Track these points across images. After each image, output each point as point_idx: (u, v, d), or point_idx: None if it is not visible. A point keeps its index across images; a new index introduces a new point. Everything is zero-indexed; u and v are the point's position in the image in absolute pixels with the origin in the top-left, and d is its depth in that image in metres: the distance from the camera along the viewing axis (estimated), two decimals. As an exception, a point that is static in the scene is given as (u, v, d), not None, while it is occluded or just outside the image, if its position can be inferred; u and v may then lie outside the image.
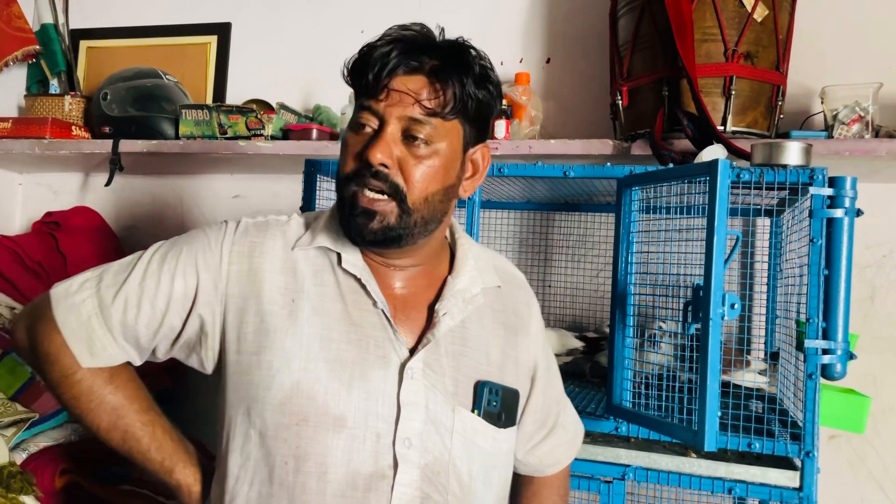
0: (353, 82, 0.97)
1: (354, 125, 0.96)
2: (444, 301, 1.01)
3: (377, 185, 0.93)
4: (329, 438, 0.93)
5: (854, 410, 1.42)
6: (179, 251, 1.00)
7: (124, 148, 2.01)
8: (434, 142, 0.94)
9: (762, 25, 1.58)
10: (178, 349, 1.02)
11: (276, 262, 0.99)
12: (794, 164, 1.31)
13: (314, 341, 0.95)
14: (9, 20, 2.26)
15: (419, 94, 0.93)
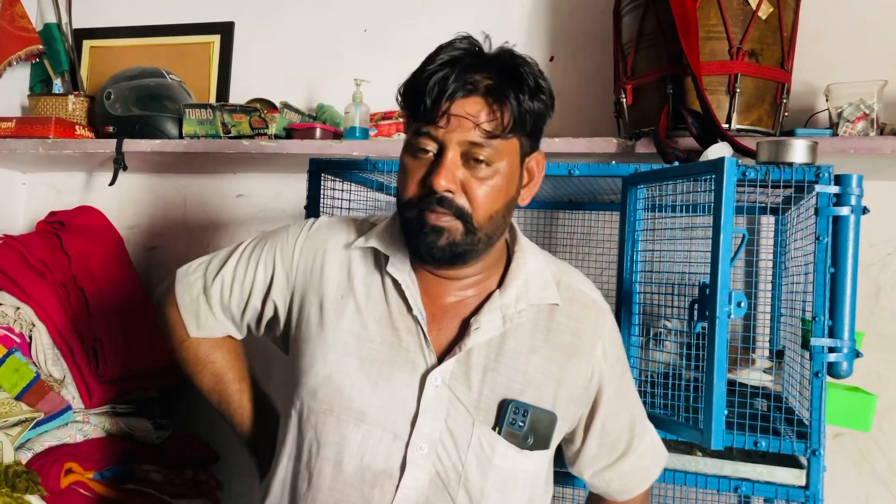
0: (408, 106, 0.98)
1: (412, 149, 0.97)
2: (480, 315, 1.01)
3: (442, 210, 0.95)
4: (348, 430, 0.99)
5: (860, 408, 1.42)
6: (265, 244, 1.12)
7: (128, 147, 2.01)
8: (494, 162, 0.95)
9: (767, 23, 1.58)
10: (263, 329, 1.16)
11: (336, 260, 1.07)
12: (799, 161, 1.31)
13: (351, 338, 1.02)
14: (12, 20, 2.26)
15: (478, 118, 0.93)
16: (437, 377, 0.98)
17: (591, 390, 1.08)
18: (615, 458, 1.12)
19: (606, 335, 1.09)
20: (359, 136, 1.88)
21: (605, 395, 1.08)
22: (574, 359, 1.05)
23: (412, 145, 0.97)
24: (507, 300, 1.03)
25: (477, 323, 1.00)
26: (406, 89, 0.98)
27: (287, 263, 1.09)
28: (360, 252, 1.07)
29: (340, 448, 0.99)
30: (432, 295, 1.04)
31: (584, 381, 1.06)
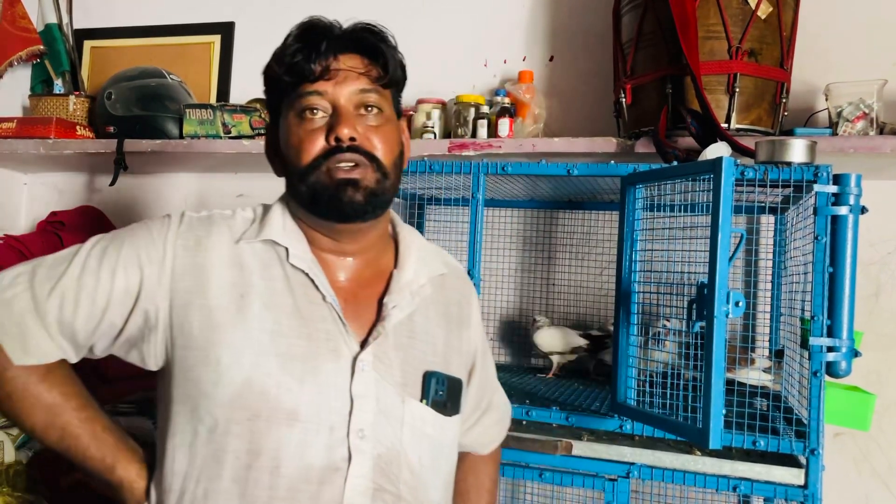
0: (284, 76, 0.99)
1: (301, 112, 0.98)
2: (392, 294, 1.03)
3: (348, 157, 0.97)
4: (282, 433, 0.93)
5: (859, 408, 1.42)
6: (120, 245, 0.98)
7: (129, 147, 2.01)
8: (383, 109, 1.02)
9: (766, 22, 1.58)
10: (118, 346, 1.00)
11: (223, 256, 0.99)
12: (798, 161, 1.31)
13: (265, 336, 0.95)
14: (13, 20, 2.26)
15: (359, 69, 1.00)
16: (364, 361, 0.98)
17: (472, 356, 1.17)
18: (481, 413, 1.20)
19: (475, 303, 1.19)
20: (359, 135, 1.88)
21: (479, 358, 1.18)
22: (463, 328, 1.13)
23: (301, 108, 0.98)
24: (408, 277, 1.06)
25: (393, 301, 1.02)
26: (278, 61, 0.99)
27: (157, 265, 0.97)
28: (249, 247, 1.00)
29: (276, 453, 0.92)
30: (337, 280, 1.03)
31: (471, 349, 1.16)
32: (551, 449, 1.37)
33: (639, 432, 1.37)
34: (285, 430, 0.93)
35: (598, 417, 1.39)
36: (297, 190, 1.00)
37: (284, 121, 1.01)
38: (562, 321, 1.94)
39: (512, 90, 1.90)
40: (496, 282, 2.01)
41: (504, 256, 2.02)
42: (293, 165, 0.99)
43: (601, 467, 1.37)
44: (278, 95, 1.02)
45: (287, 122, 1.00)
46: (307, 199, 0.99)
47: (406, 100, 2.06)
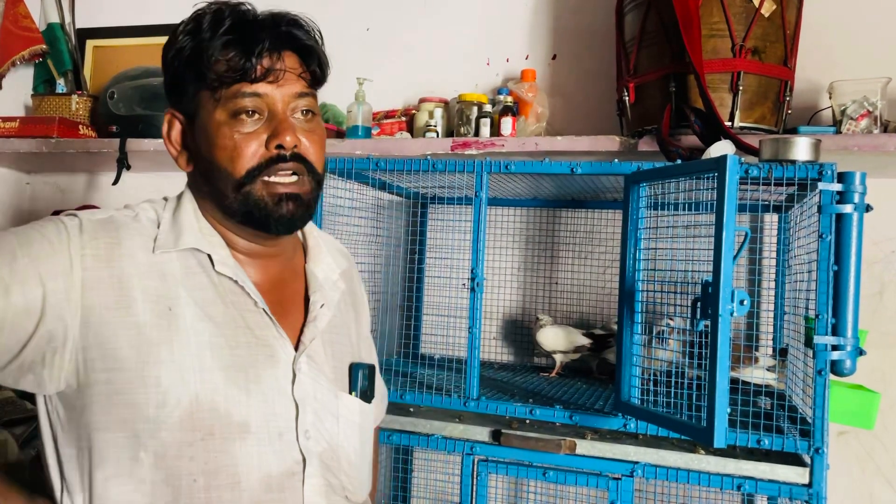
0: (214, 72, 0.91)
1: (233, 114, 0.91)
2: (316, 293, 1.03)
3: (289, 167, 0.93)
4: (237, 447, 0.89)
5: (863, 406, 1.41)
6: (11, 257, 0.83)
7: (131, 147, 2.01)
8: (316, 112, 0.98)
9: (769, 20, 1.58)
10: (6, 373, 0.86)
11: (140, 265, 0.90)
12: (802, 159, 1.31)
13: (205, 350, 0.90)
14: (15, 20, 2.26)
15: (297, 70, 0.95)
16: (302, 364, 0.97)
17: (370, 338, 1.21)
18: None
19: (360, 281, 1.22)
20: (361, 134, 1.88)
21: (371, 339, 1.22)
22: (362, 313, 1.17)
23: (235, 109, 0.91)
24: (323, 273, 1.06)
25: (321, 300, 1.02)
26: (200, 50, 0.91)
27: (63, 278, 0.85)
28: (167, 255, 0.92)
29: (235, 468, 0.89)
30: (259, 283, 0.98)
31: (369, 332, 1.20)
32: (555, 448, 1.37)
33: (643, 431, 1.37)
34: (239, 444, 0.89)
35: (601, 416, 1.39)
36: (223, 196, 0.94)
37: (208, 116, 0.93)
38: (565, 320, 1.94)
39: (515, 89, 1.90)
40: (499, 280, 2.01)
41: (507, 255, 2.01)
42: (222, 170, 0.92)
43: (605, 466, 1.36)
44: (194, 83, 0.93)
45: (213, 119, 0.92)
46: (237, 210, 0.94)
47: (408, 99, 2.08)
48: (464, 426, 1.45)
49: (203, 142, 0.94)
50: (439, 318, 1.90)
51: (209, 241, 0.95)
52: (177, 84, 0.95)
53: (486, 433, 1.44)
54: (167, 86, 0.98)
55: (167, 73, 0.97)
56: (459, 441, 1.44)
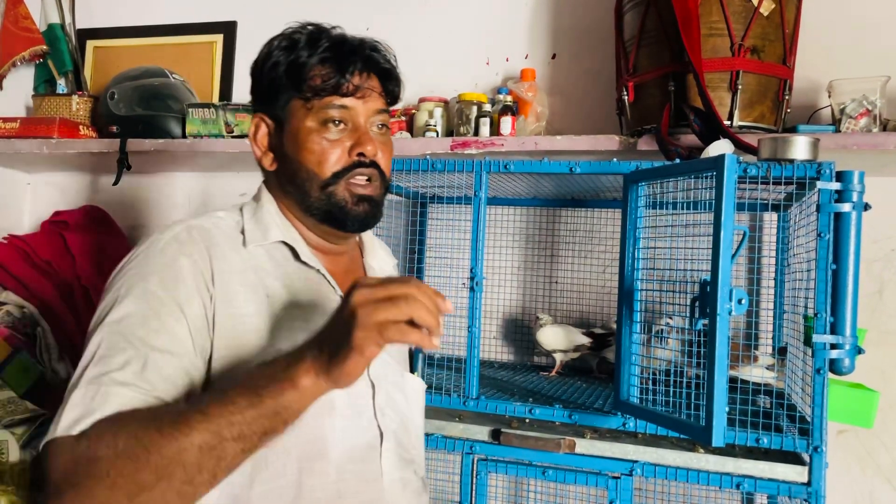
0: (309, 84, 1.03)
1: (322, 122, 1.03)
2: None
3: (367, 172, 1.04)
4: (326, 422, 0.97)
5: (862, 405, 1.42)
6: (161, 277, 0.92)
7: (132, 147, 2.02)
8: (389, 127, 1.11)
9: (768, 19, 1.58)
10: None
11: (235, 263, 0.99)
12: (801, 158, 1.31)
13: (297, 333, 0.97)
14: (16, 20, 2.27)
15: (378, 89, 1.08)
16: None
17: None
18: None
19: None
20: (361, 134, 1.88)
21: None
22: None
23: (325, 118, 1.03)
24: (379, 264, 1.20)
25: None
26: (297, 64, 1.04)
27: (198, 283, 0.95)
28: (258, 249, 1.03)
29: (324, 442, 0.97)
30: (334, 274, 1.09)
31: None
32: (554, 447, 1.37)
33: (642, 430, 1.37)
34: (328, 419, 0.98)
35: (601, 415, 1.39)
36: (307, 195, 1.04)
37: (299, 123, 1.04)
38: (565, 319, 1.94)
39: (514, 88, 1.90)
40: (499, 280, 2.01)
41: (507, 254, 2.02)
42: (310, 172, 1.03)
43: (604, 465, 1.37)
44: (288, 92, 1.05)
45: (304, 125, 1.04)
46: (319, 208, 1.04)
47: (408, 98, 2.07)
48: (463, 425, 1.45)
49: (291, 145, 1.05)
50: (439, 318, 1.90)
51: (292, 236, 1.06)
52: (269, 92, 1.07)
53: (486, 432, 1.44)
54: (257, 93, 1.10)
55: (259, 83, 1.09)
56: (459, 440, 1.45)
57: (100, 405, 0.81)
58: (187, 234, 0.99)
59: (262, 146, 1.09)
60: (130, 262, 0.97)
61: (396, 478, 1.04)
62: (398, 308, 0.74)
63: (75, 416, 0.81)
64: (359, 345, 0.74)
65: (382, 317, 0.74)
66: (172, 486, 0.76)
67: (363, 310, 0.75)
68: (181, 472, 0.76)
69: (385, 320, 0.74)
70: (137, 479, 0.75)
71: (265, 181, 1.13)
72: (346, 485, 0.98)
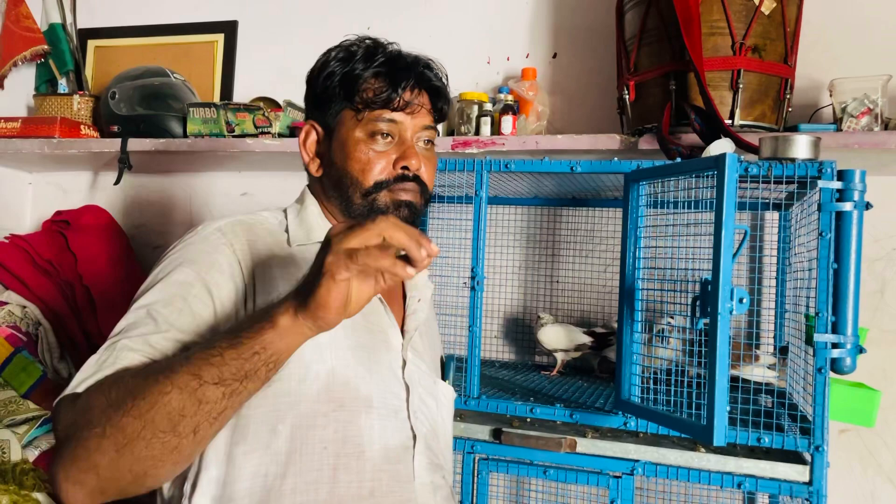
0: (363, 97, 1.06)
1: (372, 135, 1.06)
2: (413, 290, 1.15)
3: (410, 186, 1.07)
4: (362, 419, 1.00)
5: (864, 404, 1.41)
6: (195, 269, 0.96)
7: (133, 146, 2.02)
8: (434, 143, 1.14)
9: (770, 18, 1.57)
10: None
11: (279, 258, 1.03)
12: (802, 157, 1.30)
13: (339, 330, 0.96)
14: (17, 20, 2.27)
15: (427, 106, 1.11)
16: (409, 351, 1.10)
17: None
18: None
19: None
20: (362, 134, 1.88)
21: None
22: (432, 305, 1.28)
23: (374, 130, 1.06)
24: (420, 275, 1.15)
25: (418, 295, 1.14)
26: (352, 76, 1.07)
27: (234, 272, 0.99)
28: (301, 248, 1.07)
29: (360, 439, 0.99)
30: None
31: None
32: (555, 446, 1.37)
33: (643, 429, 1.37)
34: (364, 417, 1.00)
35: (602, 414, 1.39)
36: (349, 201, 1.07)
37: (348, 132, 1.07)
38: (566, 318, 1.94)
39: (515, 87, 1.90)
40: (500, 279, 2.01)
41: (508, 254, 2.02)
42: (354, 179, 1.06)
43: (605, 464, 1.37)
44: (340, 102, 1.08)
45: (353, 135, 1.07)
46: (361, 213, 1.07)
47: (409, 97, 2.08)
48: (464, 424, 1.45)
49: (339, 153, 1.08)
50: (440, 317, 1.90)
51: None
52: (322, 100, 1.10)
53: (487, 431, 1.44)
54: (310, 101, 1.13)
55: (312, 90, 1.12)
56: (460, 439, 1.45)
57: (109, 366, 0.85)
58: (232, 227, 1.03)
59: (311, 152, 1.13)
60: (176, 247, 1.02)
61: (427, 481, 1.05)
62: (367, 230, 0.74)
63: (85, 376, 0.85)
64: (328, 269, 0.74)
65: (353, 242, 0.73)
66: (157, 435, 0.77)
67: (335, 238, 0.75)
68: (164, 418, 0.76)
69: (356, 246, 0.73)
70: (123, 427, 0.77)
71: (309, 185, 1.16)
72: (380, 483, 0.99)
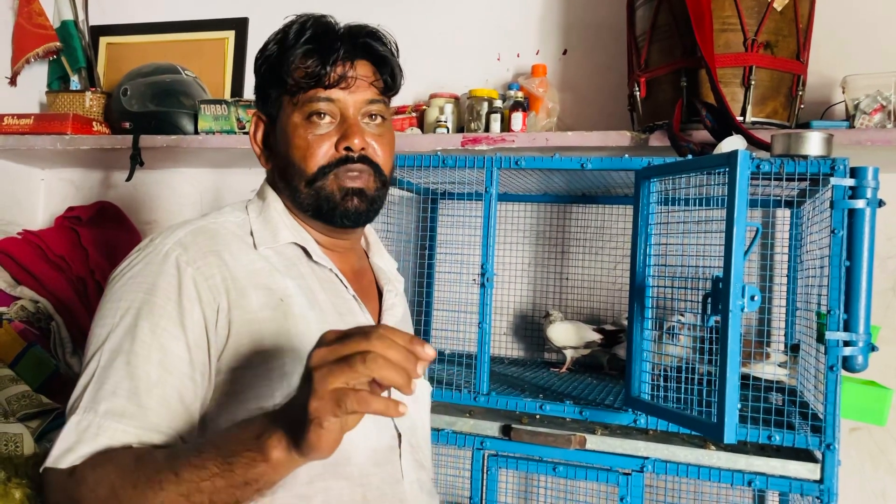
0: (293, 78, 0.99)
1: (308, 117, 0.99)
2: (388, 284, 1.12)
3: (358, 167, 0.99)
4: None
5: (875, 402, 1.41)
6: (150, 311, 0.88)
7: (144, 143, 2.03)
8: (385, 118, 1.04)
9: (782, 15, 1.57)
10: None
11: (246, 265, 0.95)
12: (814, 154, 1.30)
13: (316, 336, 0.93)
14: (29, 17, 2.28)
15: (370, 78, 1.02)
16: None
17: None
18: None
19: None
20: (372, 130, 1.88)
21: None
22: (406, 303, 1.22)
23: (309, 112, 0.99)
24: (386, 264, 1.17)
25: (392, 290, 1.12)
26: (283, 58, 0.99)
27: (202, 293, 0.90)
28: (268, 251, 0.99)
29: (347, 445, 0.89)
30: (344, 273, 1.05)
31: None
32: (565, 443, 1.37)
33: (653, 427, 1.37)
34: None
35: (612, 412, 1.39)
36: (296, 191, 1.01)
37: (287, 118, 1.01)
38: (575, 315, 1.94)
39: (525, 84, 1.89)
40: (509, 276, 2.01)
41: (517, 251, 2.02)
42: (296, 167, 1.00)
43: (615, 461, 1.37)
44: (277, 88, 1.02)
45: (290, 121, 1.00)
46: (309, 204, 1.01)
47: (419, 94, 2.08)
48: (474, 421, 1.45)
49: (281, 142, 1.02)
50: (449, 314, 1.90)
51: (301, 236, 1.03)
52: (263, 88, 1.04)
53: (497, 428, 1.44)
54: (256, 89, 1.06)
55: (256, 78, 1.06)
56: (470, 436, 1.45)
57: (91, 437, 0.82)
58: (192, 238, 0.95)
59: (260, 144, 1.07)
60: (133, 267, 0.93)
61: (414, 479, 1.03)
62: (354, 370, 0.65)
63: (67, 445, 0.82)
64: (315, 417, 0.65)
65: (339, 383, 0.65)
66: None
67: (318, 374, 0.66)
68: None
69: (342, 387, 0.65)
70: None
71: (267, 179, 1.09)
72: (370, 489, 0.96)
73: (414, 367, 0.67)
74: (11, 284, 1.97)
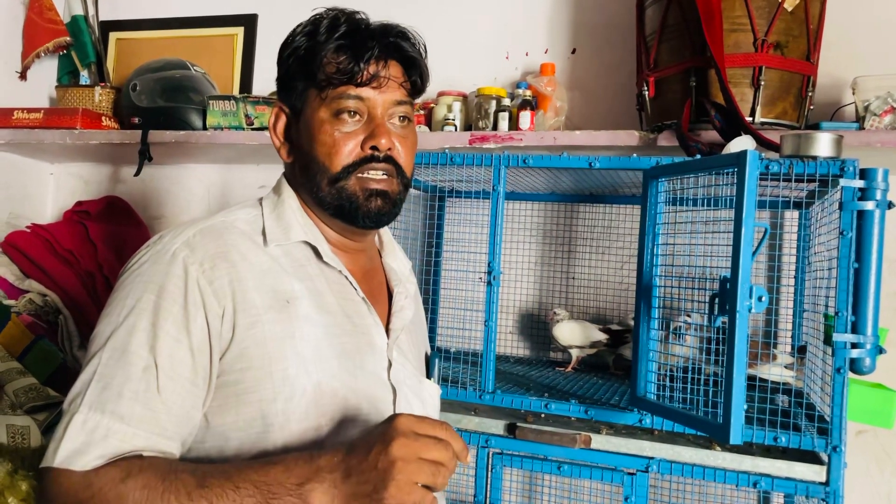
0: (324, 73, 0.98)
1: (335, 113, 0.98)
2: (399, 286, 1.11)
3: (382, 167, 0.99)
4: (349, 429, 0.94)
5: (882, 405, 1.40)
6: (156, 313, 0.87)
7: (153, 138, 2.04)
8: (411, 119, 1.04)
9: (792, 15, 1.56)
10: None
11: (253, 267, 0.94)
12: (824, 155, 1.29)
13: (321, 339, 0.95)
14: (40, 12, 2.29)
15: (399, 79, 1.01)
16: (395, 351, 1.04)
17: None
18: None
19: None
20: (380, 127, 1.88)
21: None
22: (419, 302, 1.23)
23: (338, 109, 0.97)
24: (399, 266, 1.15)
25: (405, 293, 1.10)
26: (313, 52, 0.98)
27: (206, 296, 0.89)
28: (278, 249, 0.98)
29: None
30: (354, 274, 1.04)
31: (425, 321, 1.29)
32: (570, 442, 1.37)
33: (658, 427, 1.37)
34: (351, 426, 0.94)
35: (617, 411, 1.39)
36: (318, 189, 1.00)
37: (313, 113, 0.99)
38: (581, 315, 1.94)
39: (533, 83, 1.89)
40: (516, 275, 2.01)
41: (524, 249, 2.01)
42: (320, 165, 0.99)
43: (620, 461, 1.36)
44: (304, 81, 1.00)
45: (317, 116, 0.99)
46: (331, 203, 1.00)
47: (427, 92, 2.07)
48: (479, 419, 1.46)
49: (305, 136, 1.00)
50: (456, 312, 1.91)
51: (313, 235, 1.02)
52: (288, 80, 1.02)
53: (502, 426, 1.44)
54: (279, 80, 1.05)
55: (280, 69, 1.04)
56: (475, 434, 1.45)
57: (100, 439, 0.82)
58: (200, 239, 0.93)
59: (281, 136, 1.05)
60: (142, 265, 0.92)
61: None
62: (434, 480, 0.76)
63: (75, 446, 0.82)
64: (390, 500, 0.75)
65: (421, 480, 0.75)
66: None
67: (406, 466, 0.75)
68: None
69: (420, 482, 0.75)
70: None
71: (285, 173, 1.08)
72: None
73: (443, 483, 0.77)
74: (20, 278, 1.99)
